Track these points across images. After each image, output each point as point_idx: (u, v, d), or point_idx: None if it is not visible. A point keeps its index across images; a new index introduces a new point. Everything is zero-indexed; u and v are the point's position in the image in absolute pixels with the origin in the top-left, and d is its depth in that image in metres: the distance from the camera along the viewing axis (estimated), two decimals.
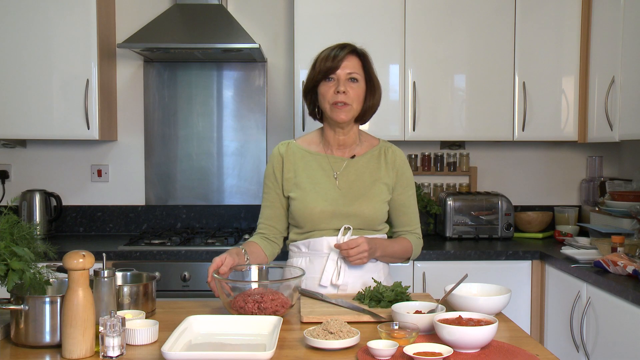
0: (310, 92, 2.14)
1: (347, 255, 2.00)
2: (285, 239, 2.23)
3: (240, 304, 1.72)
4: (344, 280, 2.07)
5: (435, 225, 3.53)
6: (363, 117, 2.14)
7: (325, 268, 2.07)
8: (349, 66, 2.06)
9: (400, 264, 2.96)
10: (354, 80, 2.07)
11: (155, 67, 3.60)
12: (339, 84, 2.05)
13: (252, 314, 1.71)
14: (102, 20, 3.31)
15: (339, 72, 2.05)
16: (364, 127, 3.22)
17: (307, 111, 2.22)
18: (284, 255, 2.27)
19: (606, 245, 2.74)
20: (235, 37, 3.18)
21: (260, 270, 1.99)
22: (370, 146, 2.20)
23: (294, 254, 2.18)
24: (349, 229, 2.06)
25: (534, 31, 3.30)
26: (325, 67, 2.06)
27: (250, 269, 1.98)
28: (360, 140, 2.20)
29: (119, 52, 3.55)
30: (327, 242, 2.08)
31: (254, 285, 1.80)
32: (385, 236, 2.19)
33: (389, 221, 2.23)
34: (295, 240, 2.16)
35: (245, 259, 2.02)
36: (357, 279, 2.09)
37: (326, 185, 2.11)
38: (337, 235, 2.07)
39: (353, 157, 2.15)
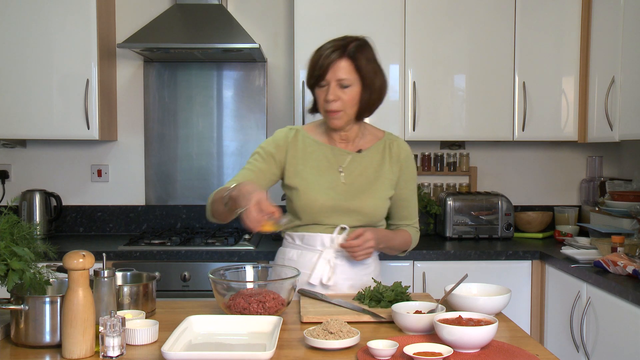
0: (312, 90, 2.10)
1: (352, 252, 1.98)
2: None
3: (243, 305, 1.72)
4: (333, 281, 2.06)
5: (435, 225, 3.53)
6: (362, 115, 2.06)
7: (316, 266, 2.05)
8: (339, 71, 1.97)
9: (400, 264, 2.97)
10: (345, 86, 1.99)
11: (155, 67, 3.60)
12: (329, 91, 1.98)
13: (257, 314, 1.71)
14: (102, 20, 3.31)
15: (328, 77, 1.98)
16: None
17: (307, 110, 2.19)
18: (274, 248, 2.25)
19: (606, 245, 2.74)
20: (235, 37, 3.18)
21: (255, 270, 1.98)
22: (374, 139, 2.15)
23: (287, 243, 2.16)
24: (345, 229, 2.03)
25: (534, 31, 3.30)
26: (314, 74, 2.00)
27: (245, 269, 1.97)
28: (363, 133, 2.15)
29: (119, 52, 3.55)
30: (321, 239, 2.06)
31: (249, 285, 1.80)
32: None
33: (387, 214, 2.20)
34: (291, 231, 2.13)
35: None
36: (345, 280, 2.08)
37: (330, 178, 2.08)
38: (332, 232, 2.05)
39: (359, 151, 2.12)
